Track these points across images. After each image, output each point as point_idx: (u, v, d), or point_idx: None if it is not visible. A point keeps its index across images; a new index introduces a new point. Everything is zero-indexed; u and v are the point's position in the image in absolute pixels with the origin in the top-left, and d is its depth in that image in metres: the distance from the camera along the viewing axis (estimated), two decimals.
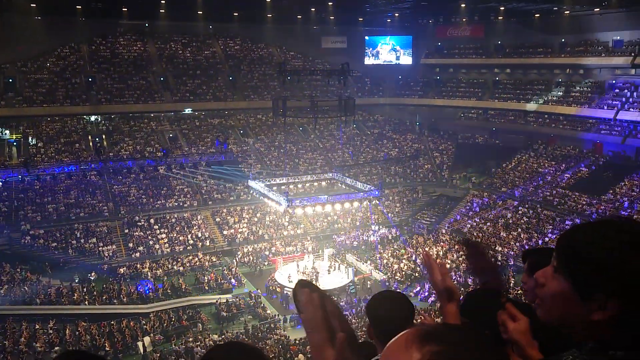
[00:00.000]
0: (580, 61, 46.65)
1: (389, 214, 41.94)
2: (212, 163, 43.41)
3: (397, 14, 56.74)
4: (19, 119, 43.04)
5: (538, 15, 50.33)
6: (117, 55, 50.61)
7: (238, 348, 1.79)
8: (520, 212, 39.50)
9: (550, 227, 36.43)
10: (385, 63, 59.11)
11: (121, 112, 46.76)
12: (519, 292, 28.92)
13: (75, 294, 28.97)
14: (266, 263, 35.34)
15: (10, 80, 44.57)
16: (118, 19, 51.21)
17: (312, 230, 39.74)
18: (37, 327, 26.03)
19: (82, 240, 34.43)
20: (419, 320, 2.16)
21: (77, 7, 46.93)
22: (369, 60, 59.38)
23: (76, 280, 30.81)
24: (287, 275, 32.30)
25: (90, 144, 43.84)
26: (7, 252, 32.70)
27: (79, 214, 36.30)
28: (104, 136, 45.03)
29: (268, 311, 29.47)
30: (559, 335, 1.39)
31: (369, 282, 32.89)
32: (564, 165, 43.57)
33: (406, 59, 59.10)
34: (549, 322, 1.32)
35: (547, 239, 34.68)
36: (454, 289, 1.91)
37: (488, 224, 39.24)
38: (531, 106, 48.73)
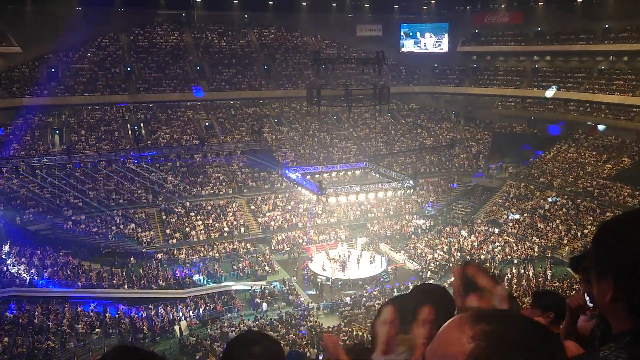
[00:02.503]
0: (624, 48, 45.07)
1: (424, 204, 41.61)
2: (247, 151, 43.73)
3: (433, 1, 55.87)
4: (61, 108, 44.35)
5: (580, 0, 48.75)
6: (155, 45, 51.48)
7: (258, 339, 1.84)
8: (558, 203, 38.62)
9: (590, 218, 35.51)
10: (421, 51, 58.26)
11: (159, 101, 47.58)
12: (555, 284, 28.47)
13: (115, 278, 29.84)
14: (300, 251, 35.61)
15: (53, 70, 45.81)
16: (156, 9, 52.13)
17: (346, 219, 39.78)
18: (79, 309, 26.96)
19: (122, 226, 35.37)
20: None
21: None
22: (406, 48, 58.62)
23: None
24: (320, 263, 32.67)
25: (129, 132, 44.82)
26: (51, 236, 33.90)
27: (118, 200, 37.26)
28: (142, 125, 45.96)
29: (302, 298, 29.75)
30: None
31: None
32: (605, 155, 42.33)
33: (443, 47, 58.13)
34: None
35: (586, 231, 33.86)
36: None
37: (525, 214, 38.50)
38: (573, 94, 47.41)
